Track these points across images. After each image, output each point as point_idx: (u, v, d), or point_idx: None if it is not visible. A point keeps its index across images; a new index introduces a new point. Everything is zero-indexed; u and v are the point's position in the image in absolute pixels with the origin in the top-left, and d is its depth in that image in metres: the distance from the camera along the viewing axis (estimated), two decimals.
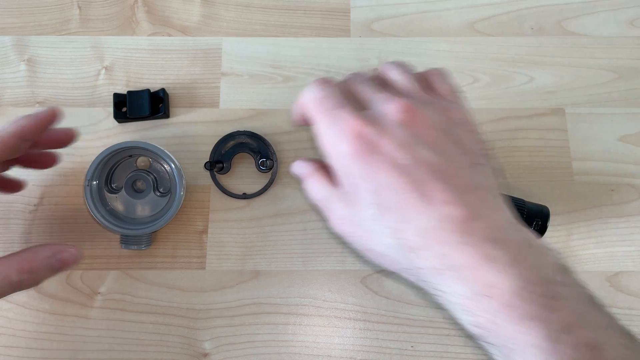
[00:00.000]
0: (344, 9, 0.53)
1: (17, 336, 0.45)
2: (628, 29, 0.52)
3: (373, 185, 0.29)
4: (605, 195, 0.48)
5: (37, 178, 0.49)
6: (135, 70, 0.51)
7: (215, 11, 0.53)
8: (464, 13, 0.53)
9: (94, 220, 0.46)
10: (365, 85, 0.33)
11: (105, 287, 0.46)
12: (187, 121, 0.50)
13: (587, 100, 0.50)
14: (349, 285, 0.46)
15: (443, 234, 0.27)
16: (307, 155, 0.49)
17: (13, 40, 0.52)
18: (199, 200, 0.48)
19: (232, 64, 0.51)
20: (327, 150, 0.31)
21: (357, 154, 0.29)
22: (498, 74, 0.51)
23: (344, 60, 0.51)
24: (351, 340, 0.45)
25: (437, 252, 0.27)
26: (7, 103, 0.50)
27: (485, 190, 0.29)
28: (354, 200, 0.30)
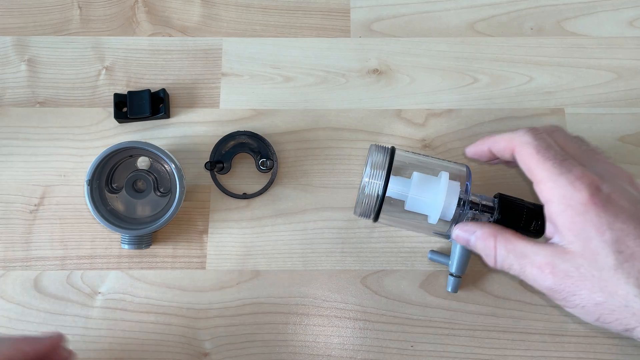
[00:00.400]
0: (344, 9, 0.53)
1: None
2: (628, 29, 0.52)
3: (613, 234, 0.30)
4: None
5: (37, 178, 0.49)
6: (136, 71, 0.51)
7: (215, 11, 0.53)
8: (464, 13, 0.53)
9: (94, 220, 0.46)
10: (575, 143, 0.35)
11: (105, 287, 0.46)
12: (187, 121, 0.50)
13: (586, 101, 0.50)
14: (349, 285, 0.47)
15: None
16: (307, 155, 0.49)
17: (14, 40, 0.52)
18: (199, 200, 0.48)
19: (232, 64, 0.51)
20: (552, 197, 0.32)
21: (595, 202, 0.30)
22: (498, 74, 0.51)
23: (344, 61, 0.51)
24: (351, 340, 0.45)
25: None
26: (7, 103, 0.50)
27: None
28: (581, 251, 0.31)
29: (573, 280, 0.31)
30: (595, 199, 0.30)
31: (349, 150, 0.49)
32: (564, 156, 0.33)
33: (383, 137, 0.49)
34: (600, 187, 0.31)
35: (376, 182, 0.39)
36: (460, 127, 0.50)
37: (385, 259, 0.47)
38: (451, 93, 0.51)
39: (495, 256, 0.35)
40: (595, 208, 0.30)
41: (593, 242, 0.30)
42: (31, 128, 0.50)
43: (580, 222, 0.31)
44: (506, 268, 0.34)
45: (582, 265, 0.30)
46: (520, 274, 0.33)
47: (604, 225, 0.30)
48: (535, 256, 0.32)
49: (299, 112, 0.50)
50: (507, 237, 0.34)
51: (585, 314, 0.31)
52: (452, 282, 0.44)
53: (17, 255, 0.47)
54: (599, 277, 0.30)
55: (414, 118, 0.50)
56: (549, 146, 0.33)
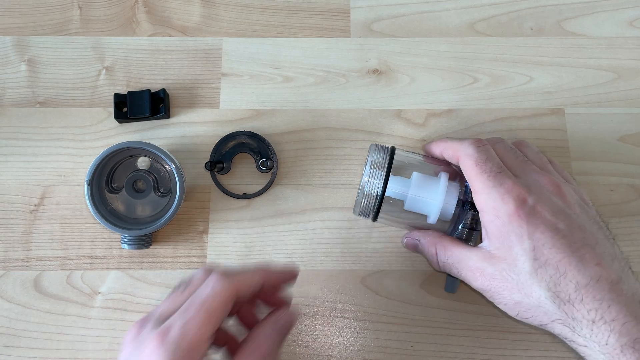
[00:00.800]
0: (344, 9, 0.53)
1: (17, 336, 0.45)
2: (628, 29, 0.52)
3: (531, 243, 0.34)
4: (605, 195, 0.48)
5: (37, 178, 0.49)
6: (136, 71, 0.51)
7: (215, 12, 0.53)
8: (464, 13, 0.53)
9: (94, 220, 0.46)
10: (512, 154, 0.39)
11: (105, 287, 0.46)
12: (187, 121, 0.50)
13: (586, 101, 0.50)
14: (349, 285, 0.47)
15: (596, 291, 0.32)
16: (307, 155, 0.49)
17: (13, 40, 0.52)
18: (199, 200, 0.48)
19: (232, 65, 0.51)
20: (485, 208, 0.36)
21: (519, 214, 0.34)
22: (498, 74, 0.51)
23: (344, 61, 0.51)
24: (351, 340, 0.45)
25: (593, 306, 0.32)
26: (7, 103, 0.50)
27: (621, 260, 0.34)
28: (504, 256, 0.35)
29: (497, 282, 0.35)
30: (519, 211, 0.34)
31: (349, 150, 0.49)
32: (499, 169, 0.36)
33: (383, 137, 0.49)
34: (526, 200, 0.35)
35: (375, 182, 0.39)
36: (460, 127, 0.50)
37: (385, 259, 0.47)
38: (451, 93, 0.51)
39: (437, 261, 0.40)
40: (518, 219, 0.34)
41: (514, 249, 0.34)
42: (31, 128, 0.50)
43: (505, 231, 0.35)
44: (447, 270, 0.39)
45: (505, 269, 0.35)
46: (457, 275, 0.38)
47: (524, 235, 0.34)
48: (468, 260, 0.37)
49: (299, 112, 0.50)
50: (445, 244, 0.39)
51: (508, 309, 0.36)
52: (450, 281, 0.43)
53: (17, 255, 0.47)
54: (517, 280, 0.34)
55: (414, 118, 0.50)
56: (488, 159, 0.37)
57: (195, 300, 0.30)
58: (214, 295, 0.30)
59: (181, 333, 0.29)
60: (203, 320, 0.29)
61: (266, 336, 0.33)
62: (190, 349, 0.28)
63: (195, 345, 0.29)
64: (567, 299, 0.33)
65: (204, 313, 0.29)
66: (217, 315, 0.30)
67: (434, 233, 0.40)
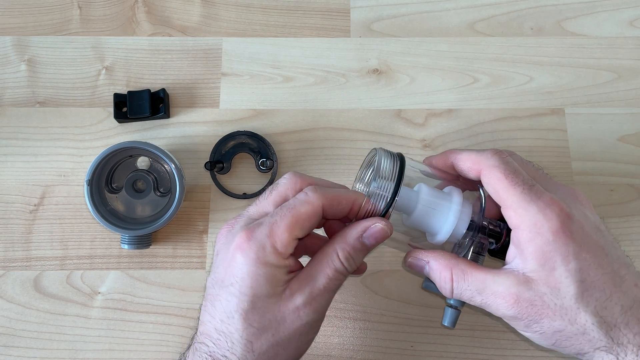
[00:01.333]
0: (344, 9, 0.53)
1: (17, 336, 0.45)
2: (628, 29, 0.52)
3: (578, 263, 0.30)
4: (605, 195, 0.48)
5: (37, 178, 0.49)
6: (136, 71, 0.51)
7: (215, 11, 0.53)
8: (464, 13, 0.53)
9: (94, 220, 0.46)
10: (531, 167, 0.35)
11: (105, 287, 0.46)
12: (187, 121, 0.50)
13: (586, 101, 0.50)
14: (349, 285, 0.46)
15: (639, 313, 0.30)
16: (307, 155, 0.49)
17: (13, 40, 0.52)
18: (199, 200, 0.48)
19: (232, 64, 0.51)
20: (522, 224, 0.32)
21: (564, 232, 0.31)
22: (498, 74, 0.51)
23: (344, 60, 0.51)
24: (351, 340, 0.45)
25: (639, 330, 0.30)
26: (7, 103, 0.50)
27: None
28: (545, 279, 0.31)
29: (537, 308, 0.31)
30: (564, 228, 0.31)
31: (349, 150, 0.49)
32: (531, 182, 0.32)
33: (383, 137, 0.49)
34: (570, 215, 0.31)
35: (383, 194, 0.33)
36: (460, 127, 0.50)
37: (385, 259, 0.47)
38: (451, 93, 0.51)
39: (452, 289, 0.34)
40: (564, 237, 0.31)
41: (558, 271, 0.31)
42: (31, 128, 0.50)
43: (548, 250, 0.31)
44: (465, 299, 0.34)
45: (546, 294, 0.31)
46: (482, 304, 0.33)
47: (570, 255, 0.30)
48: (497, 286, 0.32)
49: (299, 112, 0.50)
50: (463, 268, 0.34)
51: (542, 339, 0.32)
52: (450, 314, 0.37)
53: (17, 255, 0.47)
54: (561, 306, 0.30)
55: (414, 118, 0.50)
56: (517, 171, 0.33)
57: (286, 205, 0.31)
58: (304, 202, 0.31)
59: (267, 232, 0.30)
60: (289, 223, 0.30)
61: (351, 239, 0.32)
62: (273, 247, 0.30)
63: (278, 244, 0.30)
64: (614, 323, 0.30)
65: (291, 217, 0.30)
66: (304, 222, 0.31)
67: (446, 255, 0.35)
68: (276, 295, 0.30)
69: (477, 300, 0.33)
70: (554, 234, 0.30)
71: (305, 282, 0.31)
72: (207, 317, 0.31)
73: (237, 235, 0.31)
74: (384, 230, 0.33)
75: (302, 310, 0.31)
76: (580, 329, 0.30)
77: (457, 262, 0.34)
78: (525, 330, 0.32)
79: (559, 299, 0.30)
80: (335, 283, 0.32)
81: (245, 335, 0.30)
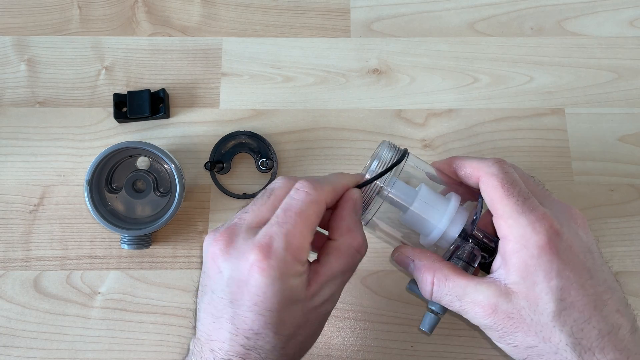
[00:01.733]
0: (344, 9, 0.53)
1: (17, 336, 0.45)
2: (628, 29, 0.52)
3: (560, 281, 0.30)
4: (605, 195, 0.48)
5: (37, 178, 0.49)
6: (136, 71, 0.51)
7: (215, 11, 0.53)
8: (464, 13, 0.53)
9: (93, 220, 0.46)
10: (532, 181, 0.35)
11: (105, 287, 0.46)
12: (187, 121, 0.50)
13: (587, 100, 0.50)
14: (349, 285, 0.46)
15: (617, 340, 0.29)
16: (307, 155, 0.49)
17: (13, 40, 0.52)
18: (199, 200, 0.48)
19: (232, 64, 0.51)
20: (510, 235, 0.31)
21: (551, 248, 0.30)
22: (498, 74, 0.51)
23: (344, 61, 0.51)
24: (351, 340, 0.45)
25: (613, 357, 0.29)
26: (7, 103, 0.50)
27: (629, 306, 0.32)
28: (525, 293, 0.30)
29: (513, 321, 0.31)
30: (551, 244, 0.30)
31: (349, 150, 0.49)
32: (527, 194, 0.32)
33: (383, 137, 0.49)
34: (559, 232, 0.31)
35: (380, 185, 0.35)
36: (460, 127, 0.50)
37: (385, 259, 0.47)
38: (451, 93, 0.50)
39: (431, 291, 0.34)
40: (549, 253, 0.30)
41: (538, 286, 0.30)
42: (31, 128, 0.50)
43: (531, 264, 0.30)
44: (444, 303, 0.34)
45: (524, 308, 0.30)
46: (459, 311, 0.33)
47: (553, 272, 0.30)
48: (477, 294, 0.31)
49: (299, 112, 0.50)
50: (446, 273, 0.33)
51: (514, 352, 0.32)
52: (430, 319, 0.36)
53: (17, 255, 0.47)
54: (537, 322, 0.30)
55: (414, 118, 0.50)
56: (515, 182, 0.32)
57: (291, 209, 0.30)
58: (310, 202, 0.30)
59: (285, 244, 0.28)
60: (303, 230, 0.29)
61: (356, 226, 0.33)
62: (295, 259, 0.29)
63: (298, 255, 0.29)
64: (589, 347, 0.29)
65: (303, 221, 0.29)
66: (314, 223, 0.30)
67: (432, 257, 0.34)
68: (300, 301, 0.30)
69: (456, 306, 0.33)
70: (540, 249, 0.30)
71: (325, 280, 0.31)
72: (226, 335, 0.29)
73: (249, 252, 0.28)
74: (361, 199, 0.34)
75: (322, 307, 0.31)
76: (553, 348, 0.30)
77: (441, 265, 0.34)
78: (499, 341, 0.32)
79: (535, 315, 0.30)
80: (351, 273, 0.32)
81: (277, 345, 0.29)
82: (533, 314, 0.30)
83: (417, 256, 0.35)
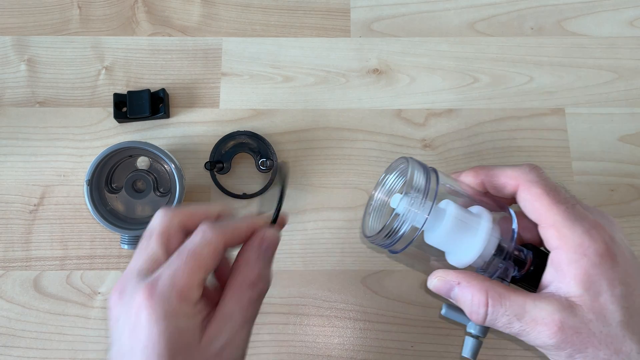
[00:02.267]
0: (344, 9, 0.53)
1: (17, 336, 0.45)
2: (628, 29, 0.52)
3: (623, 289, 0.28)
4: (605, 195, 0.48)
5: (37, 178, 0.49)
6: (136, 70, 0.51)
7: (215, 11, 0.53)
8: (464, 13, 0.53)
9: (93, 220, 0.46)
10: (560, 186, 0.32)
11: (105, 287, 0.46)
12: (187, 121, 0.50)
13: (587, 100, 0.50)
14: (349, 285, 0.46)
15: None
16: (307, 155, 0.49)
17: (13, 40, 0.52)
18: (199, 200, 0.48)
19: (232, 64, 0.51)
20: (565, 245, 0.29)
21: (610, 255, 0.29)
22: (498, 74, 0.51)
23: (344, 61, 0.51)
24: (351, 340, 0.45)
25: None
26: (7, 103, 0.50)
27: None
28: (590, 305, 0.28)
29: (582, 337, 0.28)
30: (610, 251, 0.29)
31: (349, 150, 0.49)
32: (573, 200, 0.30)
33: (383, 137, 0.49)
34: (614, 238, 0.29)
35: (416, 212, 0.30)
36: (460, 127, 0.50)
37: (385, 259, 0.47)
38: (451, 93, 0.50)
39: (485, 314, 0.30)
40: (610, 261, 0.29)
41: (603, 296, 0.28)
42: (31, 128, 0.50)
43: (594, 274, 0.28)
44: (499, 326, 0.30)
45: (591, 321, 0.28)
46: (519, 332, 0.30)
47: (616, 280, 0.28)
48: (538, 311, 0.29)
49: (299, 112, 0.50)
50: (500, 291, 0.30)
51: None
52: (472, 345, 0.34)
53: (17, 255, 0.47)
54: (607, 334, 0.28)
55: (414, 118, 0.50)
56: (557, 188, 0.31)
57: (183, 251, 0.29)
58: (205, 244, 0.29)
59: (170, 282, 0.27)
60: (192, 269, 0.28)
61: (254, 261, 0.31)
62: (180, 298, 0.27)
63: (185, 293, 0.27)
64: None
65: (193, 261, 0.28)
66: (207, 264, 0.29)
67: (478, 276, 0.31)
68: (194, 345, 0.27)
69: (515, 328, 0.30)
70: (601, 257, 0.29)
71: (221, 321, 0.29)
72: None
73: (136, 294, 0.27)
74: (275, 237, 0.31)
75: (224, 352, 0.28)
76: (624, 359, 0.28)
77: (492, 284, 0.31)
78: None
79: (605, 327, 0.28)
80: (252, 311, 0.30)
81: None
82: (602, 326, 0.28)
83: (463, 278, 0.31)
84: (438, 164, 0.49)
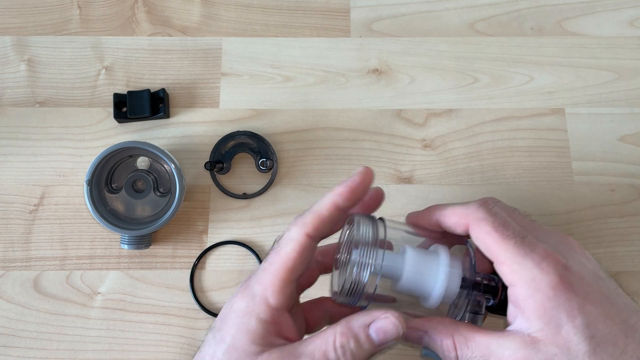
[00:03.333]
0: (344, 9, 0.53)
1: (17, 336, 0.45)
2: (628, 29, 0.52)
3: (584, 318, 0.28)
4: (606, 195, 0.48)
5: (37, 178, 0.49)
6: (136, 70, 0.51)
7: (215, 11, 0.53)
8: (464, 13, 0.53)
9: (93, 220, 0.46)
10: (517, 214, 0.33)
11: (105, 287, 0.46)
12: (187, 121, 0.50)
13: (587, 100, 0.50)
14: None
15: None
16: (307, 155, 0.49)
17: (13, 40, 0.52)
18: (199, 200, 0.48)
19: (232, 64, 0.51)
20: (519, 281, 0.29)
21: (564, 285, 0.28)
22: (498, 74, 0.51)
23: (344, 61, 0.51)
24: None
25: None
26: (7, 103, 0.50)
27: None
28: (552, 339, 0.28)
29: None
30: (564, 281, 0.28)
31: (349, 150, 0.49)
32: (522, 233, 0.30)
33: (383, 137, 0.49)
34: (567, 267, 0.29)
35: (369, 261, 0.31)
36: (460, 127, 0.50)
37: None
38: (451, 93, 0.50)
39: (456, 357, 0.31)
40: (565, 291, 0.28)
41: (564, 328, 0.28)
42: (31, 128, 0.50)
43: (550, 307, 0.28)
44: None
45: (556, 355, 0.28)
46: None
47: (574, 310, 0.28)
48: (503, 350, 0.29)
49: (299, 112, 0.50)
50: (465, 334, 0.31)
51: None
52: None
53: (17, 255, 0.47)
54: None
55: (414, 118, 0.50)
56: (506, 222, 0.30)
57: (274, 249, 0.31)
58: (287, 241, 0.30)
59: (258, 279, 0.30)
60: (277, 268, 0.29)
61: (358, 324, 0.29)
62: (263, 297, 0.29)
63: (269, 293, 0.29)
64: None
65: (278, 260, 0.30)
66: (293, 261, 0.30)
67: (444, 321, 0.31)
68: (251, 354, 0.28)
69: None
70: (554, 289, 0.28)
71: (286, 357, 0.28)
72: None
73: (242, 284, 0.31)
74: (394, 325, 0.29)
75: None
76: None
77: (457, 327, 0.31)
78: None
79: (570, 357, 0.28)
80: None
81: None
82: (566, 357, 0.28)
83: (429, 326, 0.32)
84: (438, 164, 0.49)
